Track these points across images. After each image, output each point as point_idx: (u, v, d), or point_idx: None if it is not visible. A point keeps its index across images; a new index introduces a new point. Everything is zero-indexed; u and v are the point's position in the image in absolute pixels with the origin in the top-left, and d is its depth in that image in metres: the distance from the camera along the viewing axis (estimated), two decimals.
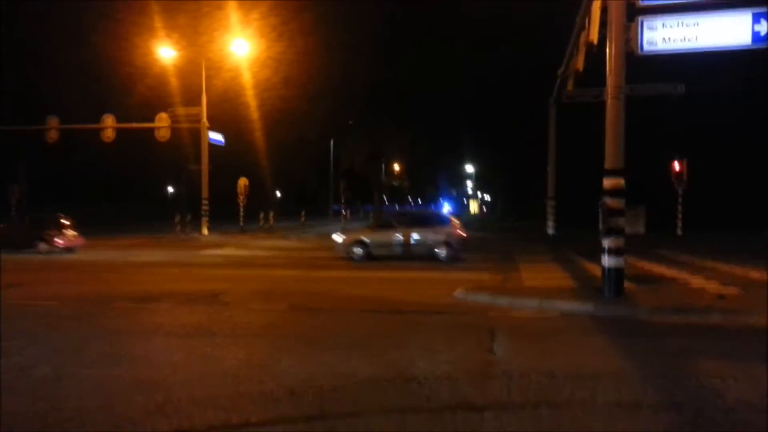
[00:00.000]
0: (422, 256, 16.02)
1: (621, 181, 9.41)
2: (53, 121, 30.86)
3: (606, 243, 9.37)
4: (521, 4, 29.58)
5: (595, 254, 11.18)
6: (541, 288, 10.41)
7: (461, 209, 74.69)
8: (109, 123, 30.31)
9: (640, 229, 27.27)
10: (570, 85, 17.03)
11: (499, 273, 13.22)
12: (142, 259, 17.58)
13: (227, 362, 5.89)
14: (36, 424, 4.23)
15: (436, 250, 16.03)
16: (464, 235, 16.76)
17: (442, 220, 17.06)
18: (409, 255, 16.07)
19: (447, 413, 4.45)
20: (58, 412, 4.42)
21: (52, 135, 30.88)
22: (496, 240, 26.38)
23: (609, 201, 9.38)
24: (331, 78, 36.12)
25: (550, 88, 22.39)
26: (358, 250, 16.38)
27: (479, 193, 70.09)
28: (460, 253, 16.50)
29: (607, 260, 9.37)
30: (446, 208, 70.56)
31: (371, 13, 34.69)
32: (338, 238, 17.47)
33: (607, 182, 9.45)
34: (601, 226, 9.47)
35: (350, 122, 43.87)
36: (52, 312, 8.76)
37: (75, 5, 32.79)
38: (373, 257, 16.23)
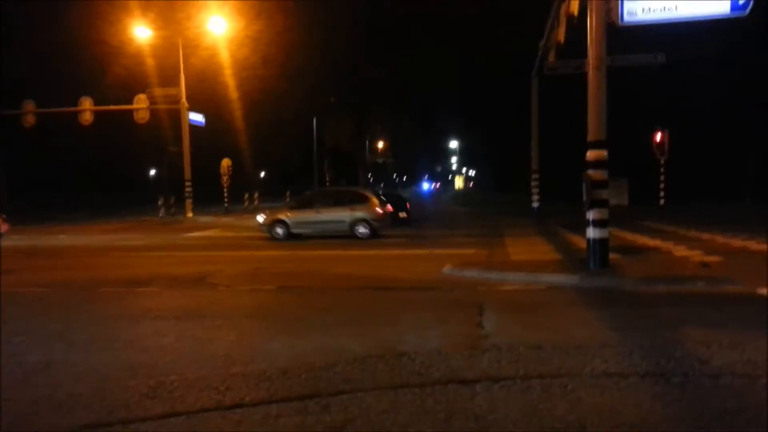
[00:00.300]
0: (342, 234, 16.54)
1: (604, 153, 9.47)
2: (29, 105, 30.24)
3: (590, 215, 9.46)
4: None
5: (580, 227, 11.29)
6: (527, 262, 10.52)
7: (447, 185, 74.84)
8: (86, 105, 29.76)
9: (624, 200, 27.59)
10: (551, 57, 17.02)
11: (486, 248, 13.31)
12: (127, 243, 17.43)
13: (218, 344, 5.89)
14: (28, 410, 4.21)
15: (356, 228, 16.62)
16: (382, 212, 17.12)
17: (362, 199, 17.33)
18: (328, 233, 16.63)
19: (438, 388, 4.50)
20: (50, 399, 4.41)
21: (29, 119, 30.28)
22: (481, 215, 26.56)
23: (592, 173, 9.44)
24: (311, 56, 35.75)
25: (532, 60, 22.36)
26: (279, 230, 17.02)
27: (464, 169, 70.26)
28: (383, 230, 17.11)
29: (591, 232, 9.47)
30: (425, 186, 70.69)
31: None
32: (260, 218, 18.02)
33: (590, 154, 9.51)
34: (584, 199, 9.54)
35: (332, 99, 43.52)
36: (41, 298, 8.69)
37: None
38: (293, 236, 16.79)
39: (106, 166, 46.18)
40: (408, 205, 21.83)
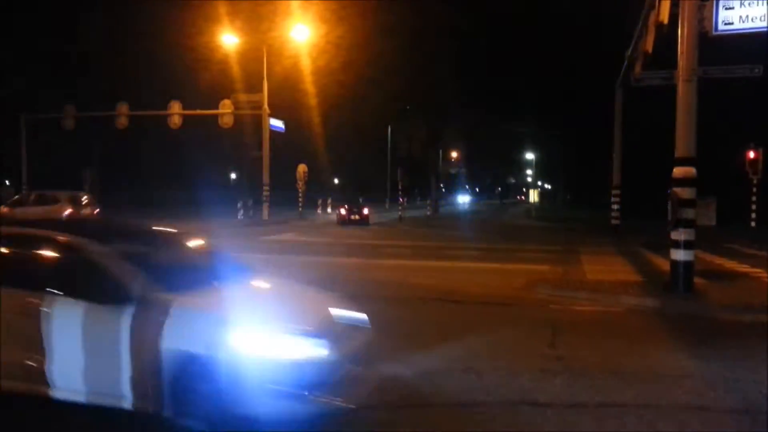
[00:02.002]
0: None
1: (692, 170, 9.01)
2: (123, 108, 32.11)
3: (675, 236, 9.01)
4: None
5: (663, 247, 10.78)
6: (605, 281, 10.12)
7: (521, 197, 73.08)
8: (175, 110, 31.28)
9: (711, 221, 26.07)
10: (638, 68, 16.34)
11: (561, 265, 12.91)
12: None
13: None
14: None
15: None
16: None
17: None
18: None
19: (507, 409, 4.41)
20: None
21: (122, 121, 32.17)
22: (557, 230, 25.83)
23: (679, 191, 9.00)
24: (390, 64, 36.17)
25: (616, 70, 21.59)
26: None
27: (539, 182, 68.45)
28: None
29: (676, 254, 9.01)
30: (462, 198, 68.94)
31: None
32: None
33: (678, 171, 9.06)
34: (670, 218, 9.10)
35: (407, 107, 43.78)
36: None
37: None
38: None
39: (190, 167, 48.41)
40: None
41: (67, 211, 20.81)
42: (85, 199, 22.78)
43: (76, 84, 34.22)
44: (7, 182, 40.82)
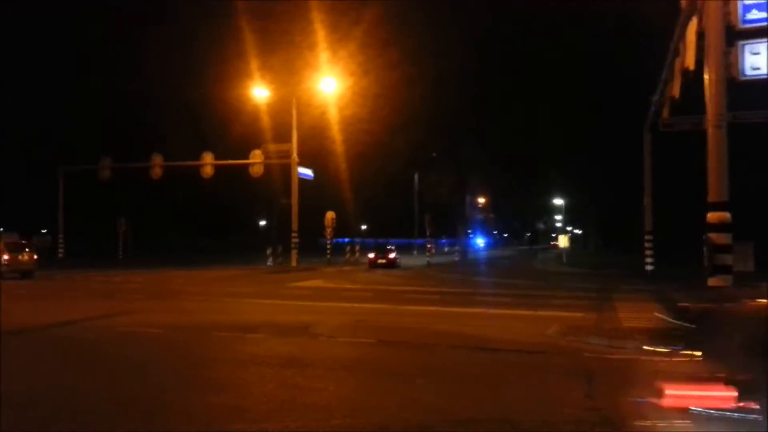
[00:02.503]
0: None
1: (726, 215, 8.84)
2: (157, 159, 33.09)
3: (713, 282, 8.78)
4: (609, 27, 28.96)
5: (699, 293, 10.46)
6: (640, 329, 9.83)
7: (550, 242, 72.04)
8: (207, 160, 32.11)
9: (749, 266, 25.26)
10: (665, 113, 16.32)
11: (594, 312, 12.62)
12: (239, 290, 18.27)
13: (318, 394, 5.96)
14: None
15: None
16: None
17: None
18: None
19: None
20: None
21: (156, 171, 33.10)
22: (588, 276, 25.36)
23: (714, 237, 8.81)
24: (415, 111, 36.79)
25: (643, 115, 21.56)
26: None
27: (569, 227, 67.61)
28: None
29: None
30: (478, 241, 67.09)
31: (456, 42, 35.22)
32: None
33: (712, 216, 8.90)
34: (705, 264, 8.89)
35: (433, 155, 44.19)
36: (157, 339, 9.29)
37: (177, 50, 35.38)
38: None
39: (222, 216, 49.28)
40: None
41: (4, 257, 21.22)
42: (26, 247, 22.86)
43: (111, 137, 35.51)
44: (43, 231, 42.00)
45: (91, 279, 22.34)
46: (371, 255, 32.32)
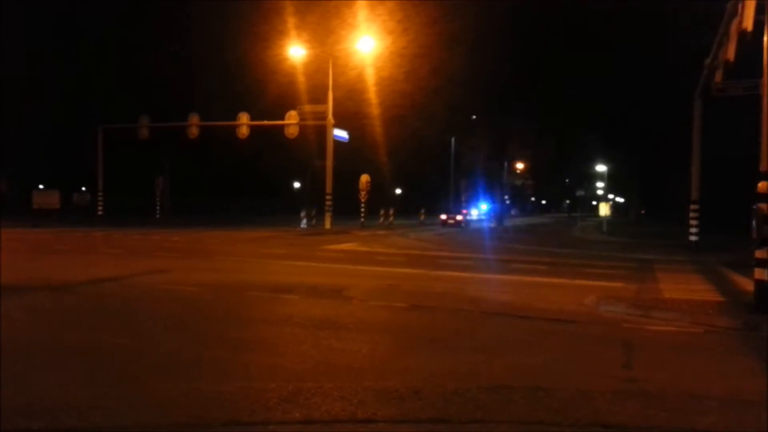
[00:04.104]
0: None
1: None
2: (194, 119, 33.40)
3: (760, 254, 8.45)
4: None
5: (746, 265, 10.15)
6: (682, 300, 9.59)
7: (590, 210, 70.53)
8: (244, 120, 32.25)
9: None
10: (719, 77, 15.56)
11: (635, 282, 12.34)
12: (272, 251, 18.51)
13: (351, 356, 5.99)
14: (182, 403, 4.52)
15: None
16: None
17: None
18: None
19: (579, 430, 4.19)
20: (200, 393, 4.71)
21: (193, 131, 33.45)
22: (629, 245, 24.84)
23: (764, 207, 8.44)
24: (454, 72, 36.05)
25: (694, 79, 20.68)
26: None
27: (610, 195, 65.81)
28: None
29: (761, 273, 8.44)
30: (475, 210, 60.34)
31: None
32: None
33: (763, 186, 8.50)
34: (754, 235, 8.55)
35: (473, 117, 43.46)
36: (194, 297, 9.45)
37: (215, 10, 35.26)
38: None
39: (256, 176, 49.73)
40: None
41: None
42: None
43: (150, 96, 35.88)
44: (83, 188, 43.16)
45: (129, 237, 22.92)
46: (443, 216, 38.05)
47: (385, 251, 19.62)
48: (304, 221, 31.43)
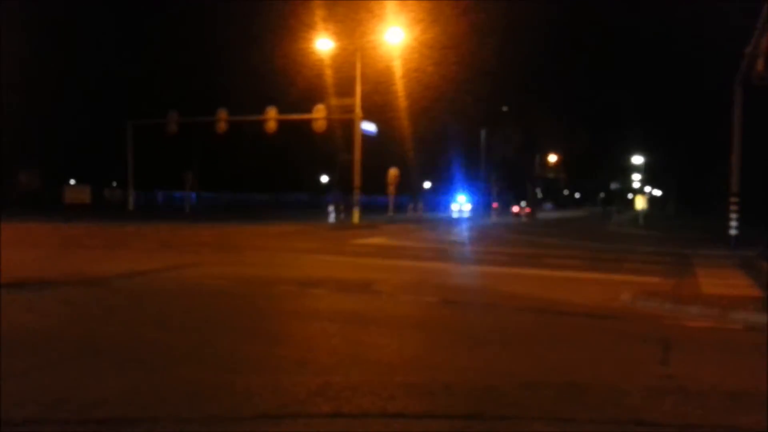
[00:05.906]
0: None
1: None
2: (223, 113, 33.68)
3: None
4: None
5: None
6: (722, 296, 9.29)
7: (624, 204, 68.89)
8: (271, 114, 32.39)
9: None
10: (760, 66, 15.04)
11: (672, 277, 12.01)
12: (300, 245, 18.58)
13: (381, 350, 5.94)
14: (213, 395, 4.53)
15: None
16: None
17: None
18: None
19: (612, 427, 4.08)
20: (231, 385, 4.71)
21: (222, 126, 33.76)
22: (666, 239, 24.27)
23: None
24: (483, 63, 35.62)
25: (733, 68, 20.02)
26: None
27: (647, 188, 64.00)
28: None
29: None
30: (455, 204, 53.77)
31: None
32: None
33: None
34: None
35: (503, 108, 42.97)
36: (224, 291, 9.51)
37: (243, 5, 35.44)
38: None
39: (284, 170, 50.04)
40: None
41: None
42: None
43: (179, 91, 36.34)
44: (114, 183, 43.97)
45: (159, 231, 23.27)
46: (515, 209, 41.43)
47: (414, 245, 19.54)
48: (333, 215, 31.52)
